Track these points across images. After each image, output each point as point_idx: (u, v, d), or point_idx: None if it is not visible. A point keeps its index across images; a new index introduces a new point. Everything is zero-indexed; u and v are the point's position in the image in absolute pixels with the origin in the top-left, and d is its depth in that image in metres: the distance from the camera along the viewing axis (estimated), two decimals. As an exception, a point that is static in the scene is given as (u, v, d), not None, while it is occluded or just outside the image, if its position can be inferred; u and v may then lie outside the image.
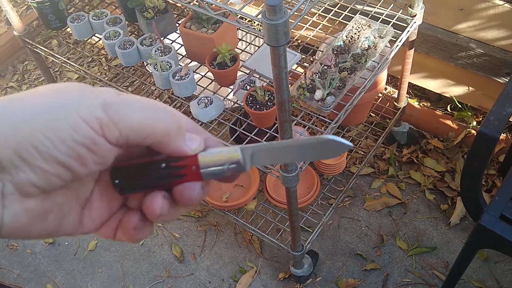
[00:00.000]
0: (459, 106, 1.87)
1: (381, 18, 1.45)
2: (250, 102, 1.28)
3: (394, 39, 1.39)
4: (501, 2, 1.49)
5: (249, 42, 1.61)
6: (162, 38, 1.44)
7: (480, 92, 1.76)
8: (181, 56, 1.52)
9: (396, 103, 1.78)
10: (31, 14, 2.58)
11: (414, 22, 1.41)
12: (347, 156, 1.80)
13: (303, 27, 1.59)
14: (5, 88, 2.43)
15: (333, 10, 1.56)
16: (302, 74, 1.33)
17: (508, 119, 1.05)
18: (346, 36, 1.40)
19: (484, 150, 1.06)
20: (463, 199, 1.20)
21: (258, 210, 1.74)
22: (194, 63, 1.54)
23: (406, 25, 1.41)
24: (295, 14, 0.91)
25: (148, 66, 1.65)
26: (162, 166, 0.38)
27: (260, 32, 0.88)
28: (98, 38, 1.64)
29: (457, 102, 1.86)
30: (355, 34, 1.39)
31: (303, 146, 0.38)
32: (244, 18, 1.59)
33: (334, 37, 1.49)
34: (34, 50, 1.68)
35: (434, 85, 1.86)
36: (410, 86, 1.89)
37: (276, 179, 1.68)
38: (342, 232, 1.74)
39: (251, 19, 0.98)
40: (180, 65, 1.42)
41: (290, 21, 0.85)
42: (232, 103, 1.47)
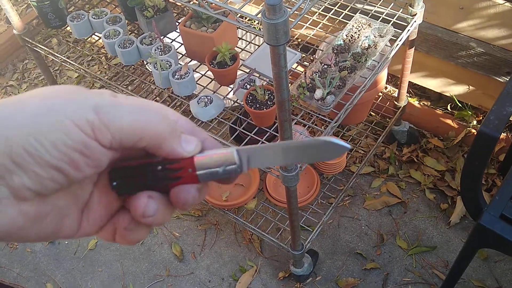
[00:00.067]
0: (459, 105, 1.87)
1: (381, 17, 1.45)
2: (250, 101, 1.28)
3: (394, 38, 1.39)
4: (501, 1, 1.48)
5: (249, 41, 1.61)
6: (162, 37, 1.44)
7: (480, 91, 1.76)
8: (181, 55, 1.52)
9: (396, 102, 1.78)
10: (31, 12, 2.58)
11: (414, 21, 1.41)
12: (347, 155, 1.80)
13: (303, 26, 1.59)
14: (5, 86, 2.43)
15: (333, 9, 1.56)
16: (302, 73, 1.33)
17: (508, 119, 1.04)
18: (346, 35, 1.39)
19: (484, 150, 1.06)
20: (463, 199, 1.20)
21: (258, 209, 1.74)
22: (194, 62, 1.54)
23: (406, 24, 1.41)
24: (295, 13, 0.91)
25: (148, 65, 1.65)
26: (159, 168, 0.38)
27: (260, 31, 0.88)
28: (98, 37, 1.64)
29: (457, 101, 1.86)
30: (355, 33, 1.39)
31: (301, 148, 0.38)
32: (244, 17, 1.59)
33: (334, 36, 1.49)
34: (34, 49, 1.68)
35: (434, 84, 1.86)
36: (410, 85, 1.89)
37: (276, 178, 1.68)
38: (342, 231, 1.74)
39: (251, 18, 0.98)
40: (180, 64, 1.42)
41: (290, 20, 0.85)
42: (232, 102, 1.47)
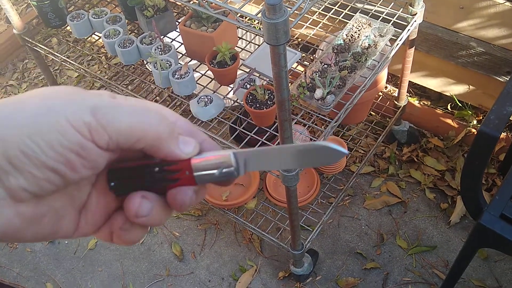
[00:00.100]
0: (460, 105, 1.87)
1: (381, 17, 1.45)
2: (250, 101, 1.28)
3: (395, 38, 1.38)
4: (501, 1, 1.48)
5: (249, 40, 1.61)
6: (162, 37, 1.44)
7: (480, 90, 1.76)
8: (181, 54, 1.52)
9: (396, 102, 1.78)
10: (31, 12, 2.58)
11: (415, 21, 1.41)
12: (347, 155, 1.80)
13: (303, 26, 1.59)
14: (5, 86, 2.43)
15: (333, 8, 1.56)
16: (302, 72, 1.33)
17: (508, 118, 1.04)
18: (346, 34, 1.39)
19: (484, 149, 1.06)
20: (463, 198, 1.20)
21: (258, 209, 1.74)
22: (194, 62, 1.53)
23: (406, 23, 1.41)
24: (295, 12, 0.91)
25: (148, 65, 1.65)
26: (156, 169, 0.38)
27: (260, 30, 0.88)
28: (98, 36, 1.64)
29: (457, 101, 1.86)
30: (356, 32, 1.39)
31: (298, 153, 0.38)
32: (244, 16, 1.59)
33: (334, 35, 1.49)
34: (34, 48, 1.68)
35: (434, 83, 1.86)
36: (411, 84, 1.89)
37: (276, 178, 1.68)
38: (342, 231, 1.74)
39: (251, 18, 0.98)
40: (180, 63, 1.42)
41: (290, 19, 0.85)
42: (232, 102, 1.47)
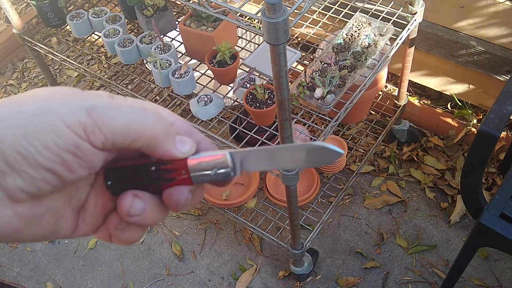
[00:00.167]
0: (460, 104, 1.87)
1: (381, 16, 1.45)
2: (250, 100, 1.28)
3: (395, 37, 1.38)
4: (501, 0, 1.48)
5: (249, 40, 1.60)
6: (161, 36, 1.44)
7: (480, 90, 1.76)
8: (180, 54, 1.52)
9: (396, 101, 1.78)
10: (30, 11, 2.58)
11: (415, 20, 1.41)
12: (347, 154, 1.80)
13: (303, 25, 1.59)
14: (4, 86, 2.43)
15: (333, 8, 1.56)
16: (302, 72, 1.33)
17: (508, 117, 1.04)
18: (346, 34, 1.39)
19: (484, 149, 1.06)
20: (463, 197, 1.20)
21: (258, 208, 1.74)
22: (194, 61, 1.53)
23: (406, 23, 1.40)
24: (295, 12, 0.91)
25: (147, 64, 1.65)
26: (152, 169, 0.38)
27: (259, 30, 0.88)
28: (98, 36, 1.64)
29: (457, 100, 1.86)
30: (355, 32, 1.39)
31: (294, 153, 0.38)
32: (243, 16, 1.58)
33: (334, 35, 1.49)
34: (34, 48, 1.68)
35: (434, 83, 1.86)
36: (411, 84, 1.89)
37: (276, 178, 1.68)
38: (342, 230, 1.74)
39: (251, 17, 0.98)
40: (179, 63, 1.42)
41: (290, 19, 0.85)
42: (232, 101, 1.47)
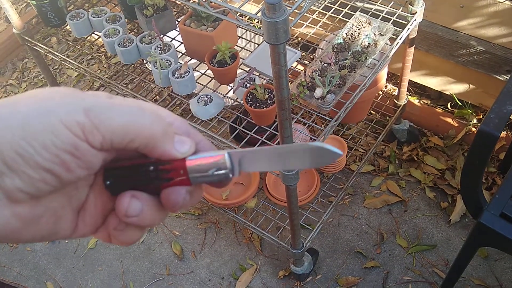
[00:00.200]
0: (460, 103, 1.87)
1: (381, 16, 1.45)
2: (250, 100, 1.28)
3: (394, 37, 1.38)
4: (501, 0, 1.48)
5: (249, 39, 1.60)
6: (161, 36, 1.43)
7: (480, 89, 1.76)
8: (180, 53, 1.52)
9: (396, 101, 1.78)
10: (30, 11, 2.58)
11: (415, 20, 1.41)
12: (347, 154, 1.80)
13: (303, 25, 1.59)
14: (4, 85, 2.43)
15: (333, 7, 1.56)
16: (302, 71, 1.33)
17: (508, 117, 1.04)
18: (346, 33, 1.39)
19: (484, 148, 1.06)
20: (463, 197, 1.20)
21: (258, 208, 1.74)
22: (194, 61, 1.53)
23: (406, 22, 1.40)
24: (295, 11, 0.91)
25: (147, 64, 1.65)
26: (151, 168, 0.38)
27: (259, 30, 0.88)
28: (98, 35, 1.64)
29: (457, 100, 1.86)
30: (355, 31, 1.39)
31: (293, 154, 0.37)
32: (243, 15, 1.58)
33: (334, 34, 1.49)
34: (34, 47, 1.68)
35: (434, 82, 1.86)
36: (411, 83, 1.89)
37: (276, 177, 1.68)
38: (342, 230, 1.74)
39: (251, 17, 0.98)
40: (179, 63, 1.42)
41: (290, 18, 0.85)
42: (232, 101, 1.47)
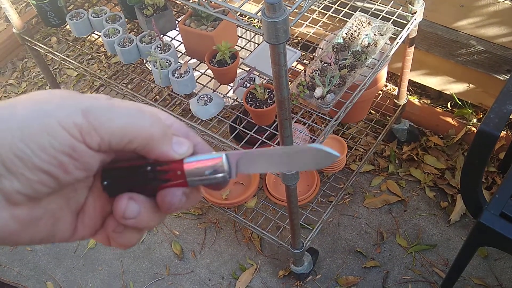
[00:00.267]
0: (459, 103, 1.87)
1: (381, 15, 1.45)
2: (249, 100, 1.28)
3: (394, 36, 1.38)
4: (501, -1, 1.48)
5: (248, 39, 1.60)
6: (161, 36, 1.43)
7: (480, 89, 1.76)
8: (180, 53, 1.52)
9: (396, 101, 1.78)
10: (30, 11, 2.58)
11: (414, 19, 1.41)
12: (347, 153, 1.80)
13: (303, 24, 1.59)
14: (4, 85, 2.42)
15: (333, 7, 1.56)
16: (302, 71, 1.33)
17: (508, 117, 1.04)
18: (346, 33, 1.39)
19: (484, 148, 1.06)
20: (463, 197, 1.20)
21: (258, 208, 1.74)
22: (194, 61, 1.53)
23: (406, 22, 1.40)
24: (295, 11, 0.91)
25: (147, 64, 1.65)
26: (148, 169, 0.38)
27: (259, 29, 0.88)
28: (98, 35, 1.64)
29: (457, 99, 1.86)
30: (355, 31, 1.39)
31: (291, 155, 0.38)
32: (243, 15, 1.58)
33: (334, 34, 1.49)
34: (33, 47, 1.68)
35: (434, 82, 1.86)
36: (410, 83, 1.89)
37: (276, 177, 1.68)
38: (342, 229, 1.74)
39: (251, 17, 0.98)
40: (179, 62, 1.42)
41: (290, 18, 0.85)
42: (231, 101, 1.47)
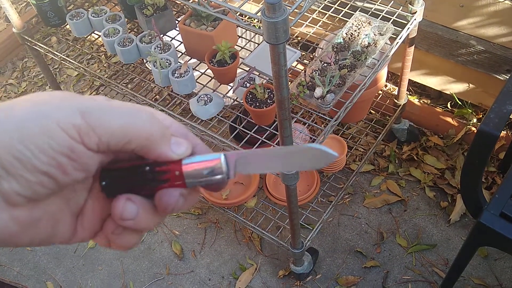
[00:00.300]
0: (459, 103, 1.87)
1: (381, 15, 1.45)
2: (249, 100, 1.28)
3: (394, 36, 1.38)
4: (501, -1, 1.48)
5: (248, 39, 1.60)
6: (161, 35, 1.43)
7: (480, 89, 1.76)
8: (180, 53, 1.52)
9: (396, 100, 1.78)
10: (30, 11, 2.58)
11: (414, 19, 1.41)
12: (347, 153, 1.80)
13: (303, 24, 1.59)
14: (4, 85, 2.42)
15: (333, 7, 1.56)
16: (302, 71, 1.33)
17: (508, 117, 1.04)
18: (346, 33, 1.39)
19: (484, 148, 1.06)
20: (463, 197, 1.20)
21: (258, 208, 1.74)
22: (194, 61, 1.53)
23: (406, 22, 1.40)
24: (295, 11, 0.91)
25: (147, 63, 1.65)
26: (147, 169, 0.38)
27: (259, 29, 0.88)
28: (98, 35, 1.64)
29: (457, 99, 1.86)
30: (355, 31, 1.39)
31: (289, 155, 0.38)
32: (243, 15, 1.58)
33: (334, 34, 1.49)
34: (33, 47, 1.68)
35: (434, 82, 1.86)
36: (410, 83, 1.89)
37: (276, 177, 1.68)
38: (342, 229, 1.74)
39: (251, 17, 0.98)
40: (179, 62, 1.42)
41: (290, 18, 0.85)
42: (231, 101, 1.47)
